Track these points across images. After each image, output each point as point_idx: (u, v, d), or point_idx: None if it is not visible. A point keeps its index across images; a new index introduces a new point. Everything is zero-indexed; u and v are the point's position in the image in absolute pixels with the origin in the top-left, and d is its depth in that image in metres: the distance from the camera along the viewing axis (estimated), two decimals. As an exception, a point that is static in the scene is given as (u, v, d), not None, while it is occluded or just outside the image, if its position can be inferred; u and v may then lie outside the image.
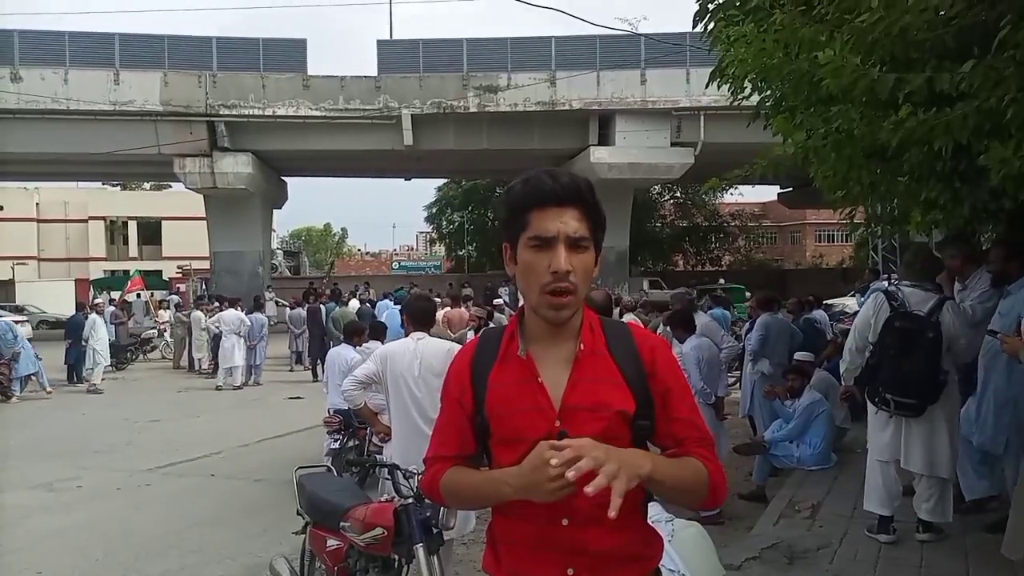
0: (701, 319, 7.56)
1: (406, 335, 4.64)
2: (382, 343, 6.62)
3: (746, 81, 5.18)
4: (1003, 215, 5.11)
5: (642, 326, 1.84)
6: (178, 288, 29.40)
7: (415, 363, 4.36)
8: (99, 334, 14.89)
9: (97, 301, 17.44)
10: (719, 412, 6.33)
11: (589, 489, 1.34)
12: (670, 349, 1.77)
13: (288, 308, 18.49)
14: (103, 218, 47.95)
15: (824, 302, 13.78)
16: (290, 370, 17.08)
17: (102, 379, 14.69)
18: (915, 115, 3.47)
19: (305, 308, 16.84)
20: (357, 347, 7.48)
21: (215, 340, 15.66)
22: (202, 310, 16.85)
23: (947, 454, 4.52)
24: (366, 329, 7.89)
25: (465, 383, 1.69)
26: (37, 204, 47.28)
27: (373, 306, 17.83)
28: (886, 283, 10.52)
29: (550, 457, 1.40)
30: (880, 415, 4.67)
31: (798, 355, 7.53)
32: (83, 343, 14.83)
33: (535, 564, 1.61)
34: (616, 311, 12.97)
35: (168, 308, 20.88)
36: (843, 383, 5.27)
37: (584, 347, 1.62)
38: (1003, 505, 4.97)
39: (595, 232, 1.58)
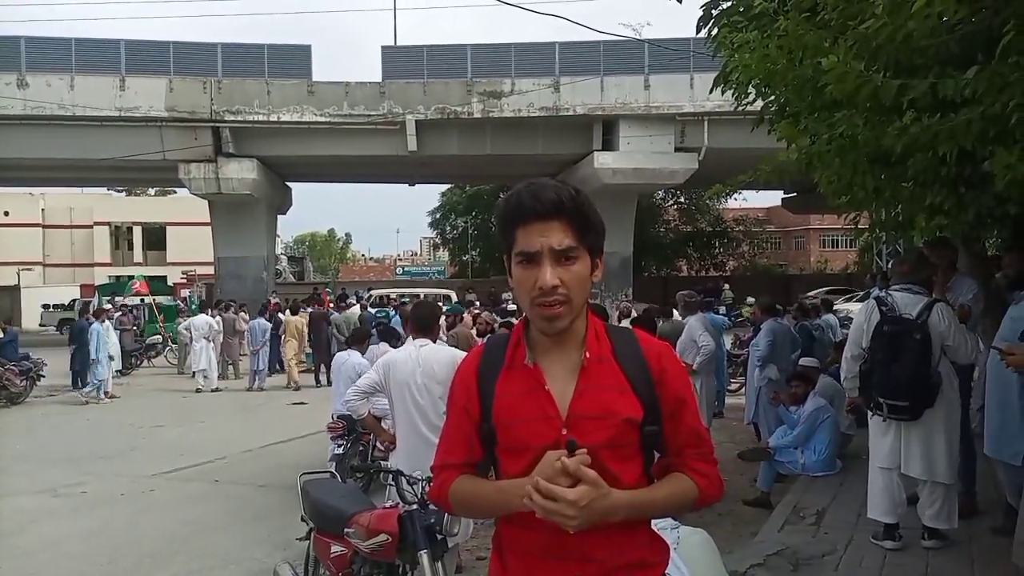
0: (687, 323, 7.50)
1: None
2: (393, 347, 6.60)
3: (750, 87, 5.19)
4: (1008, 221, 5.11)
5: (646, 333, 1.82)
6: (186, 294, 29.50)
7: (417, 370, 4.35)
8: (110, 339, 14.96)
9: (106, 307, 17.46)
10: None
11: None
12: (675, 354, 1.77)
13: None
14: (108, 223, 48.13)
15: (834, 307, 13.81)
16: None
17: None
18: (919, 121, 3.47)
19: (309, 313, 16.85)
20: (364, 353, 7.49)
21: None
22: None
23: (946, 458, 4.48)
24: (370, 335, 7.89)
25: (471, 391, 1.69)
26: (43, 209, 47.46)
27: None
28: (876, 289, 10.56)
29: (559, 468, 1.45)
30: (881, 422, 4.65)
31: (803, 361, 7.53)
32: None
33: (543, 572, 1.61)
34: (614, 315, 13.00)
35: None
36: (847, 393, 5.22)
37: (590, 355, 1.61)
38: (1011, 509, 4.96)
39: (584, 240, 1.56)
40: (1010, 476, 4.84)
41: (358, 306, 16.73)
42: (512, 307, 13.56)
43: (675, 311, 8.96)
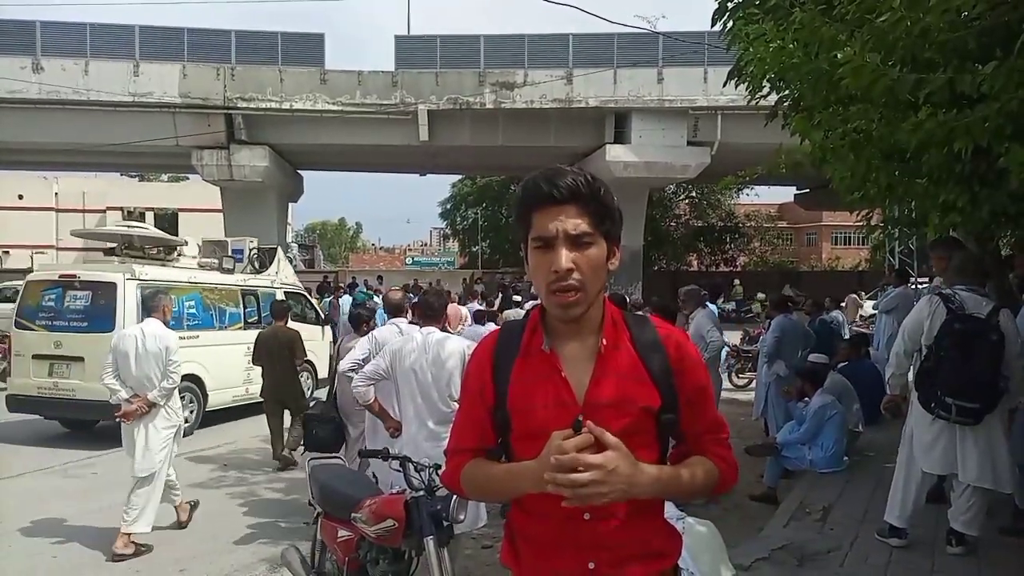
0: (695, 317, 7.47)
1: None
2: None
3: (764, 80, 5.15)
4: (1023, 220, 5.06)
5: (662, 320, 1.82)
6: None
7: (424, 358, 4.35)
8: None
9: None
10: None
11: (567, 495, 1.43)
12: (692, 342, 1.76)
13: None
14: (121, 208, 48.33)
15: (841, 304, 13.78)
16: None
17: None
18: (935, 116, 3.44)
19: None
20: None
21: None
22: None
23: (1008, 466, 4.37)
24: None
25: (486, 377, 1.68)
26: (56, 194, 47.79)
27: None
28: (910, 287, 10.49)
29: (568, 447, 1.43)
30: (932, 425, 4.43)
31: (812, 357, 7.51)
32: None
33: (556, 559, 1.60)
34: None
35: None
36: (889, 391, 4.91)
37: (607, 342, 1.60)
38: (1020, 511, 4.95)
39: (601, 226, 1.55)
40: None
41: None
42: (517, 298, 13.49)
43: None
